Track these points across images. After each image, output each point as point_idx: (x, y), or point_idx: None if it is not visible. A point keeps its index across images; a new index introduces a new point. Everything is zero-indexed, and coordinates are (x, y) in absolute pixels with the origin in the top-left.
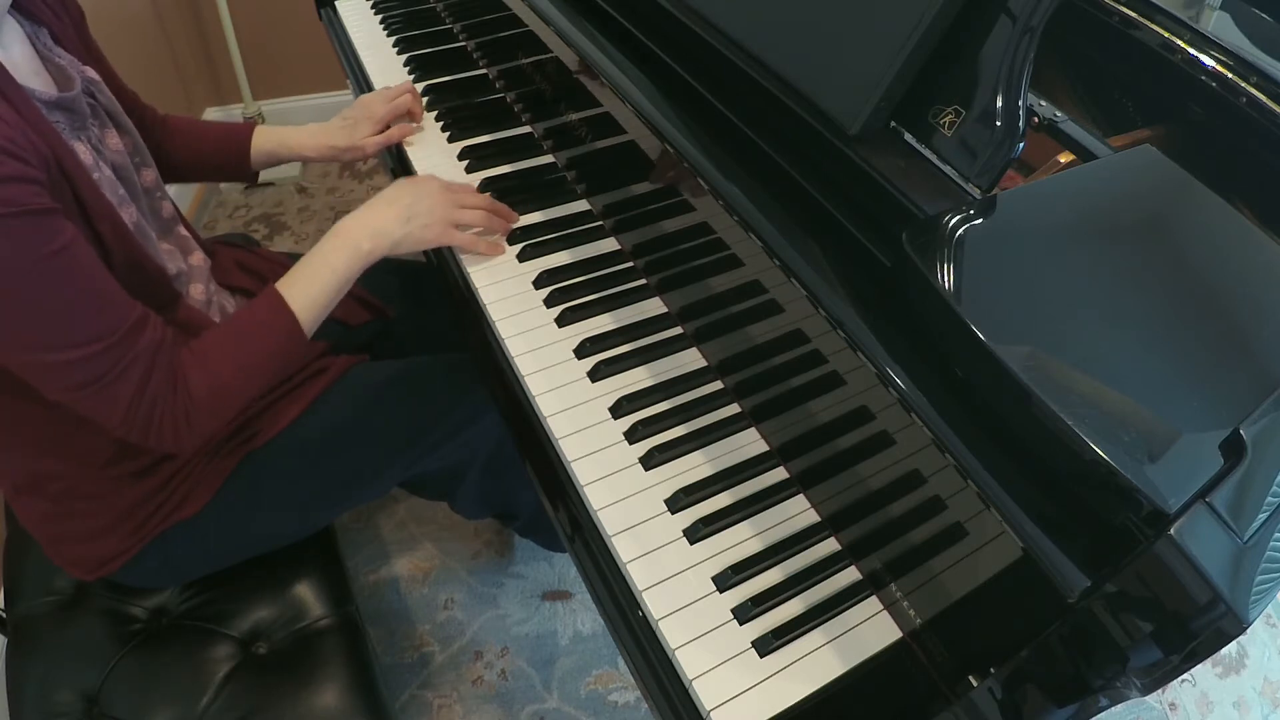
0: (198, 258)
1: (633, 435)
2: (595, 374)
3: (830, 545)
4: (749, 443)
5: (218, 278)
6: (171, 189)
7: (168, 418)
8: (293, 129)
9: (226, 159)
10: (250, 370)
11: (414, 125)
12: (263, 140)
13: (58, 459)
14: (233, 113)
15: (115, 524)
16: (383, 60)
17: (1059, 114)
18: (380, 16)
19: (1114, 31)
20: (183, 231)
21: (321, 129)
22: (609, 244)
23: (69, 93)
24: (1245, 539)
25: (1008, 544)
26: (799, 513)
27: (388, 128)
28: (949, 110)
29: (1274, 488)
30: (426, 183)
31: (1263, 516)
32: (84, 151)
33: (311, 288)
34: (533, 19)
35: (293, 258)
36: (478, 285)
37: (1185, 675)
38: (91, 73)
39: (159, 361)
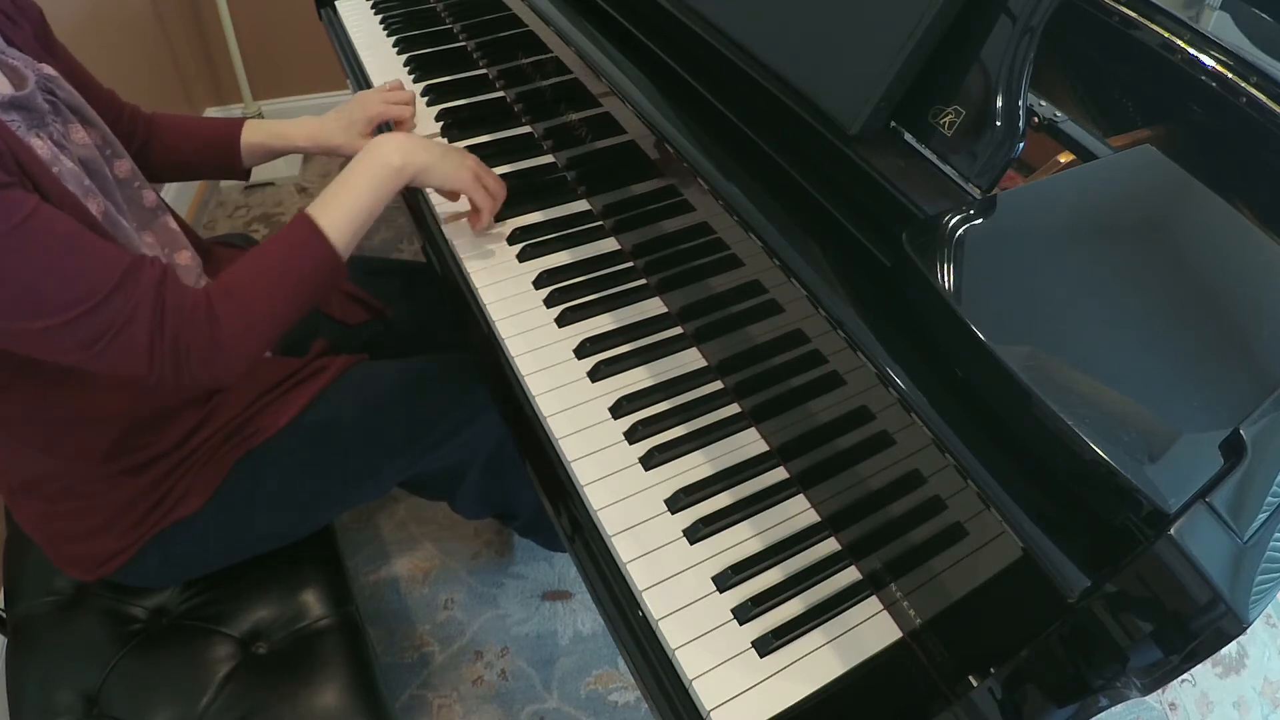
0: (185, 256)
1: (633, 435)
2: (595, 374)
3: (830, 545)
4: (749, 443)
5: (213, 279)
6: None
7: (196, 349)
8: (285, 120)
9: (215, 155)
10: (283, 298)
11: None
12: (253, 134)
13: (52, 458)
14: (233, 113)
15: (112, 521)
16: (383, 60)
17: (1059, 114)
18: (380, 16)
19: (1114, 31)
20: (171, 225)
21: (317, 123)
22: (609, 244)
23: (22, 91)
24: (1245, 539)
25: (1008, 544)
26: (799, 513)
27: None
28: (949, 110)
29: (1274, 488)
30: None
31: (1263, 516)
32: (42, 147)
33: (343, 208)
34: (533, 19)
35: None
36: (478, 285)
37: (1185, 675)
38: (48, 69)
39: (167, 297)
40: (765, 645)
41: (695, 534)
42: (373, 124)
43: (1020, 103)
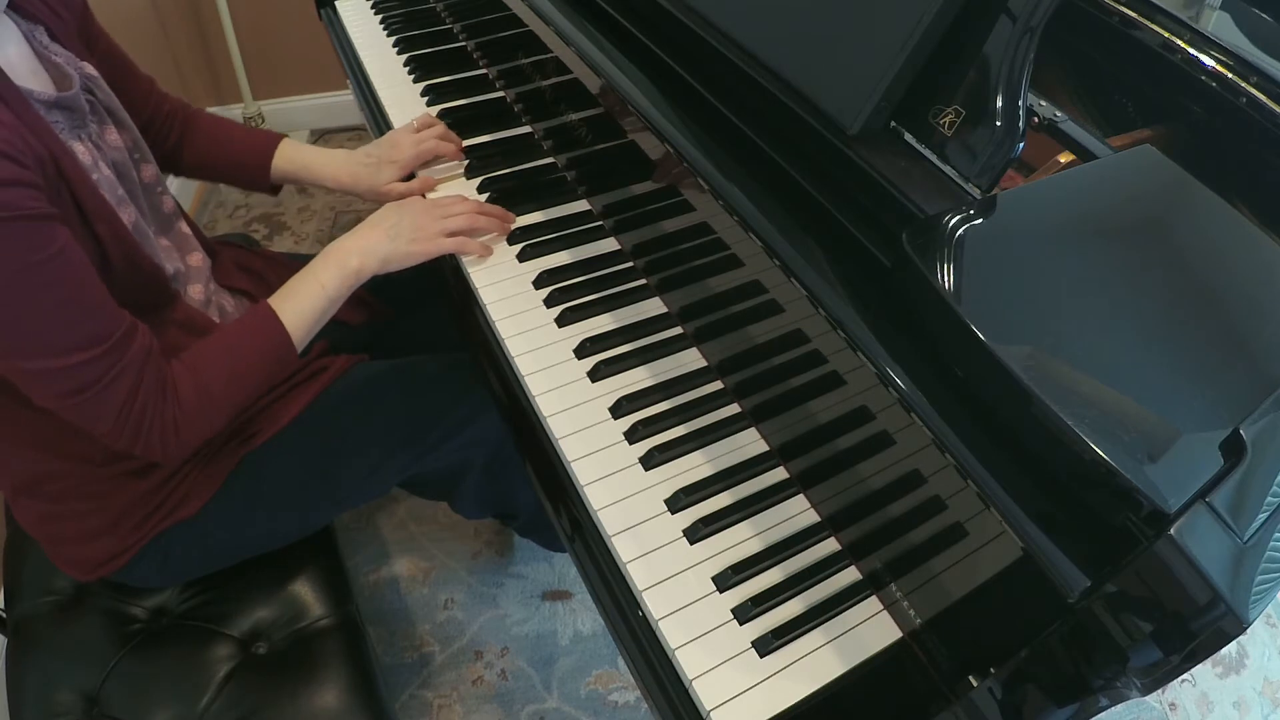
0: (197, 258)
1: (633, 435)
2: (595, 374)
3: (830, 545)
4: (749, 443)
5: (217, 278)
6: (171, 188)
7: (156, 426)
8: (317, 152)
9: (246, 169)
10: (239, 381)
11: (437, 178)
12: (284, 159)
13: (55, 460)
14: (233, 113)
15: (113, 524)
16: (383, 60)
17: (1059, 114)
18: (380, 16)
19: (1114, 31)
20: (184, 229)
21: (346, 161)
22: (609, 244)
23: (68, 92)
24: (1245, 539)
25: (1008, 544)
26: (799, 513)
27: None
28: (949, 110)
29: (1274, 488)
30: (412, 202)
31: (1263, 516)
32: (83, 152)
33: (302, 304)
34: (533, 19)
35: (292, 258)
36: (478, 285)
37: (1185, 675)
38: (89, 69)
39: (148, 371)
40: (765, 645)
41: (695, 534)
42: (404, 169)
43: (1020, 103)
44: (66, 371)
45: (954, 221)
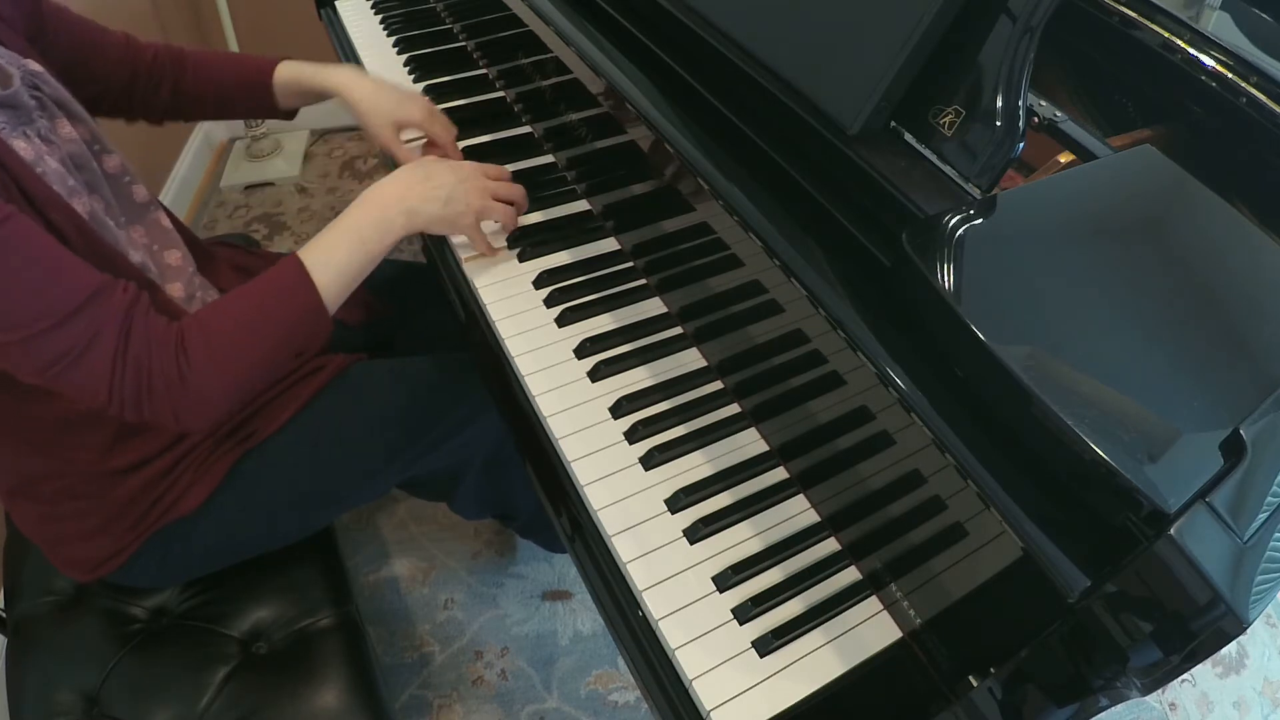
0: (175, 256)
1: (633, 435)
2: (595, 374)
3: (830, 545)
4: (749, 443)
5: (213, 280)
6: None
7: (159, 384)
8: (322, 66)
9: (248, 90)
10: (256, 332)
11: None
12: (286, 70)
13: (48, 458)
14: None
15: (110, 522)
16: (383, 60)
17: (1059, 114)
18: (380, 16)
19: (1114, 31)
20: (163, 222)
21: (354, 77)
22: (609, 244)
23: (8, 90)
24: (1245, 539)
25: (1008, 544)
26: (799, 513)
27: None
28: (949, 110)
29: (1274, 488)
30: (465, 167)
31: (1263, 516)
32: (26, 148)
33: (336, 256)
34: (533, 19)
35: None
36: (478, 285)
37: (1185, 675)
38: (33, 65)
39: (135, 322)
40: (765, 645)
41: (695, 534)
42: (402, 129)
43: (1020, 103)
44: (37, 340)
45: (954, 221)
